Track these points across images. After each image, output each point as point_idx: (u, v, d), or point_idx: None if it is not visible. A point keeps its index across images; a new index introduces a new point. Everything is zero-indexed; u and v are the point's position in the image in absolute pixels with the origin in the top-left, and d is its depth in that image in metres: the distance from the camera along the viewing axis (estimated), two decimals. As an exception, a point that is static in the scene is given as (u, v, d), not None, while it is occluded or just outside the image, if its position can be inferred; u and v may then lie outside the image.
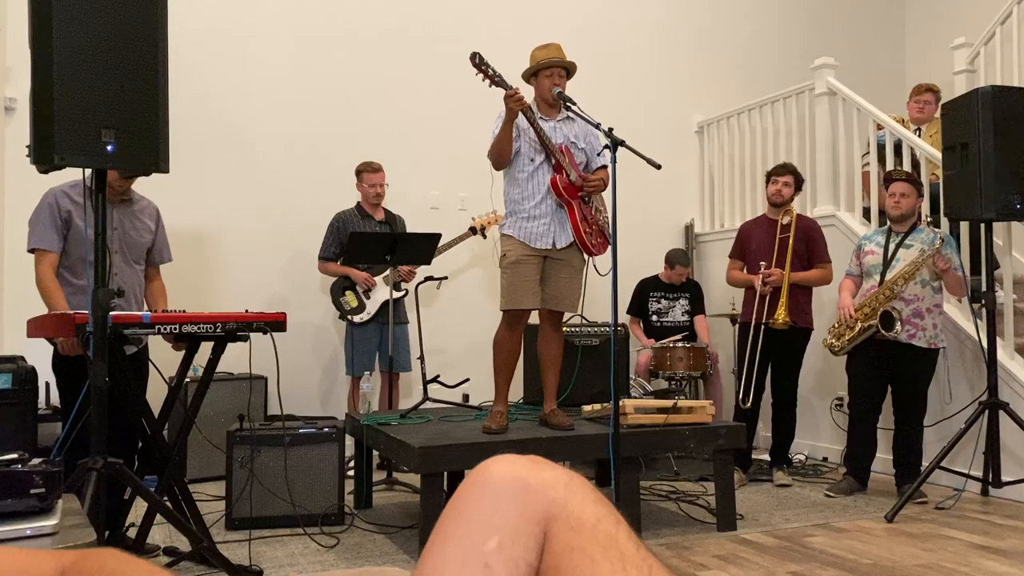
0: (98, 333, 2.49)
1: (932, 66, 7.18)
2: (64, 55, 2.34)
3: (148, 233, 3.54)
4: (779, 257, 4.83)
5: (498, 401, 3.84)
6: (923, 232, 4.49)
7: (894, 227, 4.55)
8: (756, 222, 5.17)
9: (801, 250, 4.86)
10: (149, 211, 3.58)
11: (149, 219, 3.56)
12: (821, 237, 4.95)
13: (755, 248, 4.98)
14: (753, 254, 4.98)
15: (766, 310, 4.77)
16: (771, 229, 4.94)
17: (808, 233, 4.91)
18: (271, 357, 3.19)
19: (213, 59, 5.41)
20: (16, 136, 4.78)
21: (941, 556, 3.34)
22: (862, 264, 4.61)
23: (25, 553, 0.89)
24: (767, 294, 4.79)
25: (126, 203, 3.44)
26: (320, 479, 3.86)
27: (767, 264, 4.83)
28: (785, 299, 4.69)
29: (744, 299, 5.06)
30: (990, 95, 4.03)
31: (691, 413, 3.89)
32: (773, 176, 4.99)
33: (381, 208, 5.28)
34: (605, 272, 3.52)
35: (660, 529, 3.80)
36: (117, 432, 2.84)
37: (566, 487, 0.83)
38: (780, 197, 4.92)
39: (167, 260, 3.67)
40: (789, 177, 4.94)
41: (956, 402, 4.58)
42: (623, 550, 0.77)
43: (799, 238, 4.84)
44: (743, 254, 5.09)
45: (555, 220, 3.78)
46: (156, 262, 3.63)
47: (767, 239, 4.92)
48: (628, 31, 6.77)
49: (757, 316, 4.79)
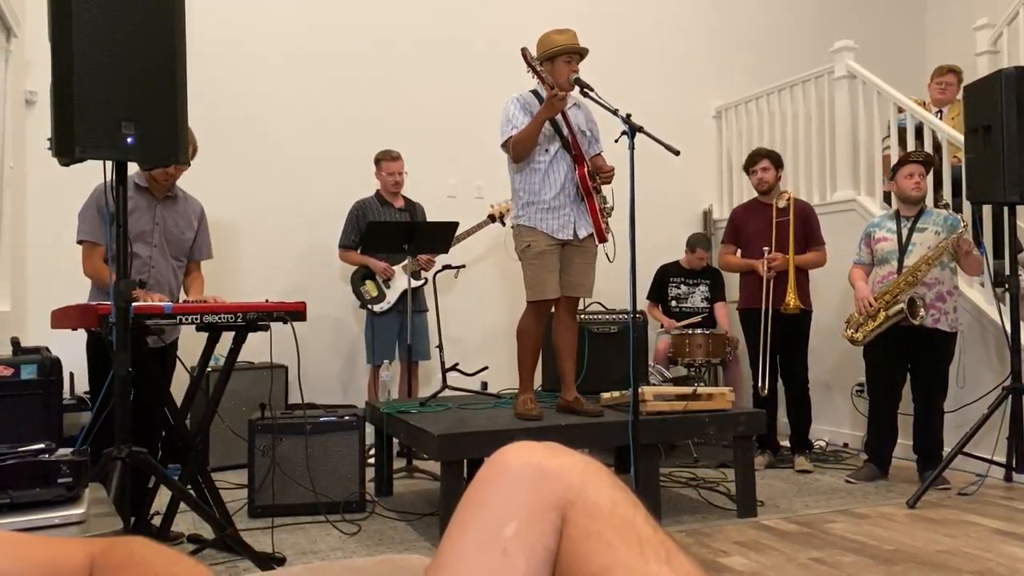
0: (120, 324, 2.51)
1: (954, 47, 7.07)
2: (83, 49, 2.36)
3: (190, 230, 3.59)
4: (779, 241, 4.80)
5: (525, 389, 3.85)
6: (932, 214, 4.43)
7: (903, 211, 4.49)
8: (748, 207, 5.15)
9: (798, 233, 4.83)
10: (194, 209, 3.63)
11: (193, 217, 3.61)
12: (816, 220, 4.94)
13: (751, 233, 4.95)
14: (750, 239, 4.96)
15: (772, 295, 4.74)
16: (765, 213, 4.91)
17: (804, 216, 4.89)
18: (291, 346, 3.21)
19: (231, 50, 5.43)
20: (37, 129, 4.82)
21: (963, 542, 3.32)
22: (873, 251, 4.55)
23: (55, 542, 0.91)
24: (771, 279, 4.76)
25: (171, 200, 3.49)
26: (341, 467, 3.89)
27: (768, 249, 4.80)
28: (793, 283, 4.66)
29: (741, 284, 5.03)
30: (1013, 76, 3.97)
31: (710, 400, 3.88)
32: (749, 168, 4.98)
33: (400, 196, 5.29)
34: (615, 258, 3.52)
35: (680, 516, 3.81)
36: (140, 421, 2.88)
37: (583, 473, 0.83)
38: (764, 184, 4.93)
39: (207, 257, 3.74)
40: (765, 161, 4.94)
41: (978, 387, 4.53)
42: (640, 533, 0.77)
43: (797, 222, 4.81)
44: (736, 239, 5.07)
45: (575, 210, 3.78)
46: (196, 258, 3.69)
47: (763, 224, 4.88)
48: (644, 15, 6.72)
49: (765, 302, 4.76)
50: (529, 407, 3.73)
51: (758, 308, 4.78)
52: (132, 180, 3.11)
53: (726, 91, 6.84)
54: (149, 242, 3.40)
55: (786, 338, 4.82)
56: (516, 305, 3.88)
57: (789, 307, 4.63)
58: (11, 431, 3.25)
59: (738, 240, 5.07)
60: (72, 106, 2.34)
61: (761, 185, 4.94)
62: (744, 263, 4.95)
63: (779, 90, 6.27)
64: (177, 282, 3.57)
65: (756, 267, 4.82)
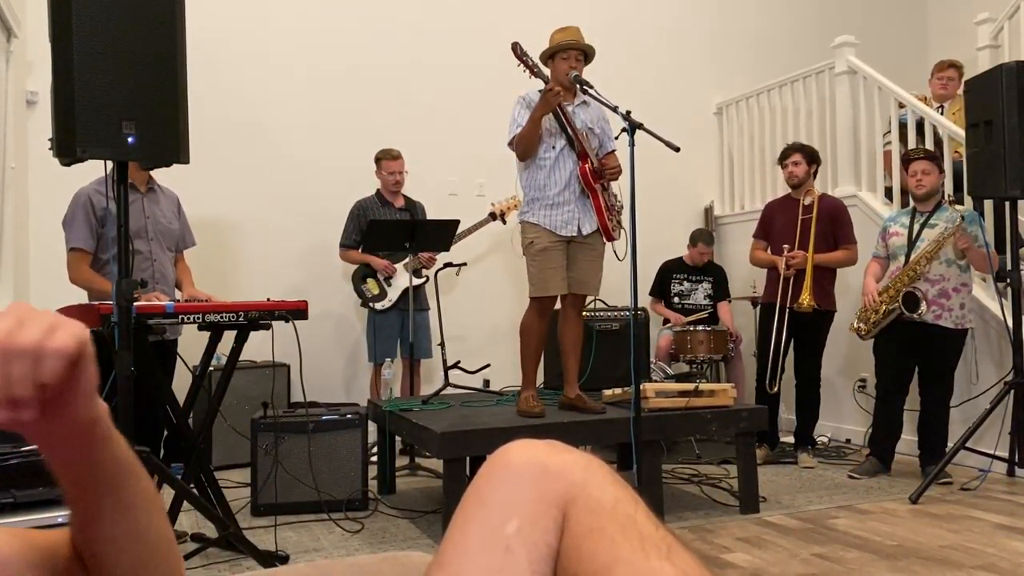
0: (123, 323, 2.52)
1: (955, 42, 7.05)
2: (84, 49, 2.36)
3: (176, 221, 3.70)
4: (802, 238, 4.79)
5: (528, 386, 3.85)
6: (947, 211, 4.44)
7: (918, 207, 4.50)
8: (780, 202, 5.13)
9: (826, 231, 4.81)
10: (172, 200, 3.73)
11: (174, 207, 3.73)
12: (847, 217, 4.89)
13: (779, 229, 4.94)
14: (776, 235, 4.95)
15: (790, 293, 4.74)
16: (794, 210, 4.89)
17: (833, 213, 4.85)
18: (294, 345, 3.21)
19: (232, 49, 5.43)
20: (38, 129, 4.82)
21: (966, 537, 3.32)
22: (888, 246, 4.57)
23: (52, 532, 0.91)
24: (791, 276, 4.75)
25: (152, 193, 3.56)
26: (344, 465, 3.89)
27: (790, 246, 4.79)
28: (809, 282, 4.65)
29: (766, 280, 5.03)
30: (1015, 71, 3.96)
31: (712, 396, 3.88)
32: (783, 160, 4.97)
33: (401, 195, 5.30)
34: (624, 256, 3.52)
35: (683, 512, 3.81)
36: (142, 420, 2.88)
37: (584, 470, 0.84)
38: (795, 178, 4.89)
39: (191, 244, 3.85)
40: (797, 155, 4.90)
41: (982, 382, 4.53)
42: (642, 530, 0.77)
43: (823, 219, 4.79)
44: (767, 234, 5.06)
45: (579, 207, 3.78)
46: (182, 248, 3.79)
47: (790, 220, 4.88)
48: (645, 12, 6.71)
49: (781, 299, 4.75)
50: (532, 404, 3.73)
51: (781, 305, 4.78)
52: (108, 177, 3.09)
53: (727, 87, 6.83)
54: (145, 237, 3.43)
55: (801, 336, 4.81)
56: (518, 303, 3.89)
57: (803, 306, 4.62)
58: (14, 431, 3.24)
59: (768, 235, 5.06)
60: (73, 106, 2.35)
61: (791, 179, 4.92)
62: (769, 259, 4.95)
63: (780, 86, 6.26)
64: (174, 273, 3.65)
65: (777, 263, 4.82)
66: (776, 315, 4.77)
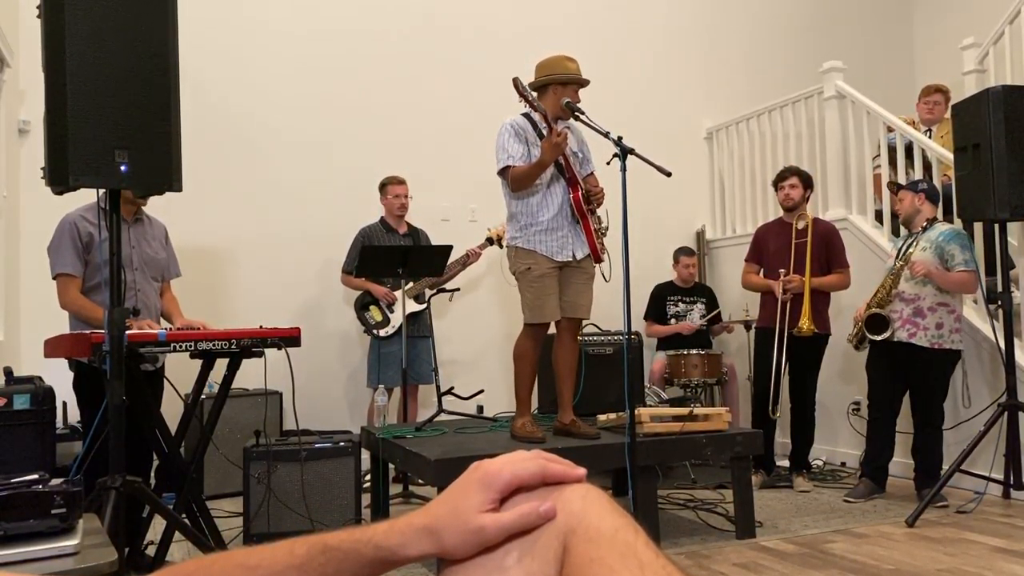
0: (115, 352, 2.50)
1: (941, 67, 7.14)
2: (77, 78, 2.37)
3: (162, 251, 3.66)
4: (797, 262, 4.81)
5: (523, 412, 3.83)
6: (933, 231, 4.46)
7: (912, 228, 4.56)
8: (772, 226, 5.15)
9: (820, 255, 4.83)
10: (159, 230, 3.69)
11: (161, 237, 3.68)
12: (840, 241, 4.92)
13: (772, 252, 4.96)
14: (770, 259, 4.96)
15: (788, 317, 4.75)
16: (787, 233, 4.91)
17: (827, 237, 4.88)
18: (292, 370, 3.20)
19: (228, 73, 5.46)
20: (30, 158, 4.83)
21: (963, 560, 3.31)
22: None
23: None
24: (787, 301, 4.76)
25: (139, 222, 3.52)
26: (337, 493, 3.86)
27: (785, 270, 4.80)
28: (808, 306, 4.66)
29: (761, 303, 5.03)
30: (1001, 95, 4.00)
31: (707, 420, 3.87)
32: (778, 183, 5.00)
33: (404, 222, 5.31)
34: (610, 278, 3.53)
35: (679, 538, 3.79)
36: (132, 449, 2.86)
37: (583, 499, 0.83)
38: (790, 200, 4.91)
39: (176, 275, 3.80)
40: (794, 179, 4.93)
41: (975, 405, 4.54)
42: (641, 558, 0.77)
43: (817, 243, 4.81)
44: (760, 258, 5.07)
45: (572, 232, 3.79)
46: (168, 278, 3.74)
47: (784, 244, 4.90)
48: (635, 37, 6.78)
49: (780, 323, 4.76)
50: (530, 429, 3.72)
51: (774, 328, 4.78)
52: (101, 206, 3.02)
53: (717, 112, 6.89)
54: (130, 266, 3.41)
55: (799, 360, 4.82)
56: (511, 328, 3.87)
57: (803, 330, 4.63)
58: (4, 461, 3.22)
59: (761, 259, 5.07)
60: (66, 135, 2.35)
61: (787, 202, 4.94)
62: (764, 283, 4.96)
63: (769, 111, 6.31)
64: (159, 303, 3.61)
65: (773, 288, 4.83)
66: (776, 340, 4.76)
